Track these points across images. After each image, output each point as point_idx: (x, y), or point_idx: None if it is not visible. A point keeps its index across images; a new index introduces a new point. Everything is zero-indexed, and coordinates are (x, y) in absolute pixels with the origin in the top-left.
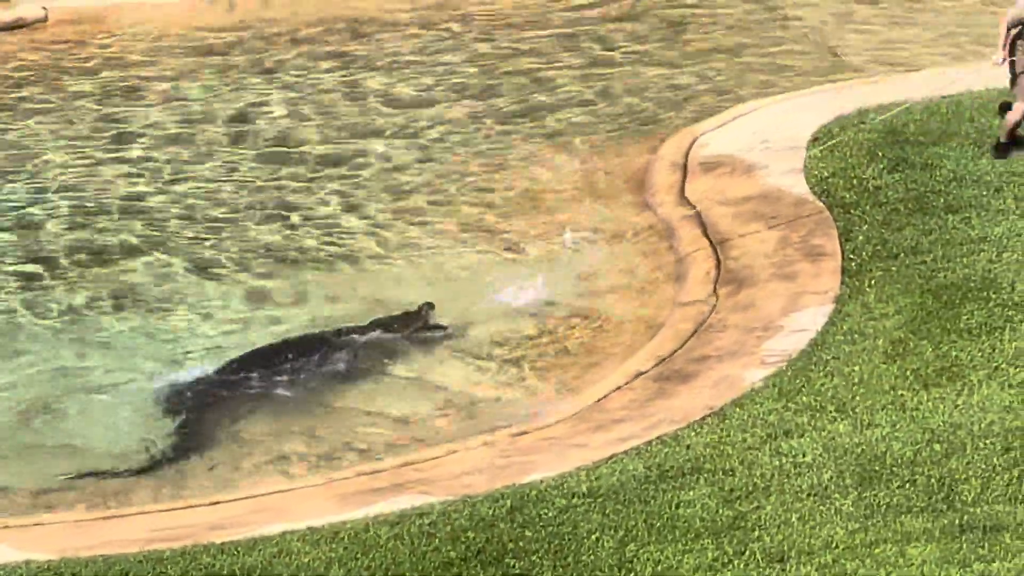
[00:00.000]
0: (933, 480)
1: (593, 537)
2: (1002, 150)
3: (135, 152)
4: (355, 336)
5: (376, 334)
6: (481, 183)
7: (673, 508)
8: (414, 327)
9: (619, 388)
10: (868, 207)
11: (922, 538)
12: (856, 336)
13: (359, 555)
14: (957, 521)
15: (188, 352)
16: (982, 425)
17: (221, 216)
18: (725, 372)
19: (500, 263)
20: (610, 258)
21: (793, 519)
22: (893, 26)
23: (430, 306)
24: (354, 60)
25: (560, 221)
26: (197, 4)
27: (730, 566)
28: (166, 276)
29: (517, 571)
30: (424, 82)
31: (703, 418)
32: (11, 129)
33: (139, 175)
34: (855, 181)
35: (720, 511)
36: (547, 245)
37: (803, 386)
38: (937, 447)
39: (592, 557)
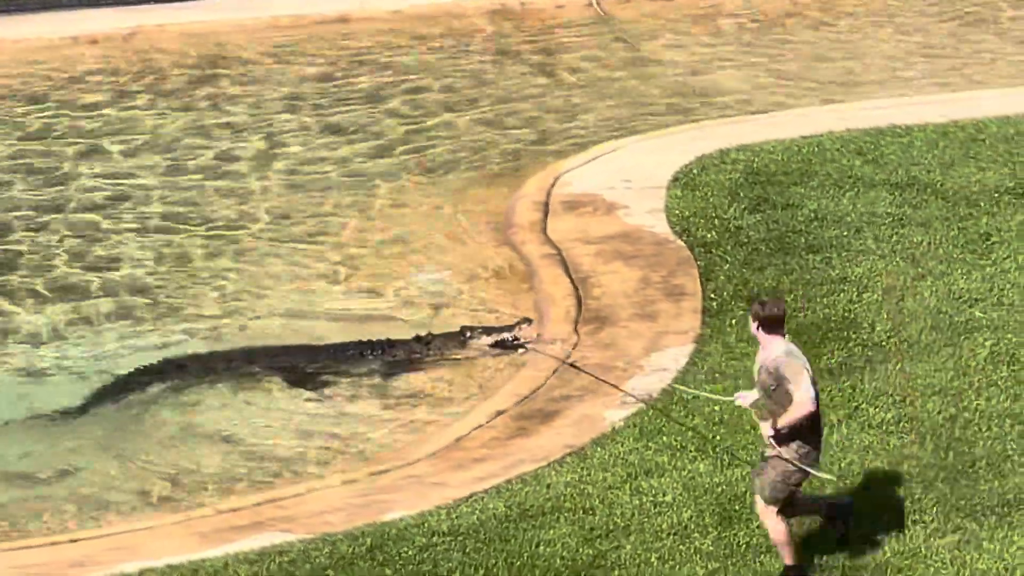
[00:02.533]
0: (792, 520)
1: (454, 575)
2: None
3: None
4: (439, 341)
5: (457, 341)
6: (338, 221)
7: (533, 547)
8: (499, 339)
9: (479, 427)
10: (729, 247)
11: None
12: (717, 375)
13: None
14: (816, 561)
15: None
16: (842, 465)
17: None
18: (586, 411)
19: (355, 302)
20: (469, 297)
21: (653, 558)
22: (757, 67)
23: (527, 321)
24: (215, 95)
25: (420, 260)
26: (58, 42)
27: None
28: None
29: None
30: (282, 119)
31: (564, 457)
32: None
33: None
34: (716, 221)
35: (580, 550)
36: (405, 284)
37: (664, 426)
38: None
39: None
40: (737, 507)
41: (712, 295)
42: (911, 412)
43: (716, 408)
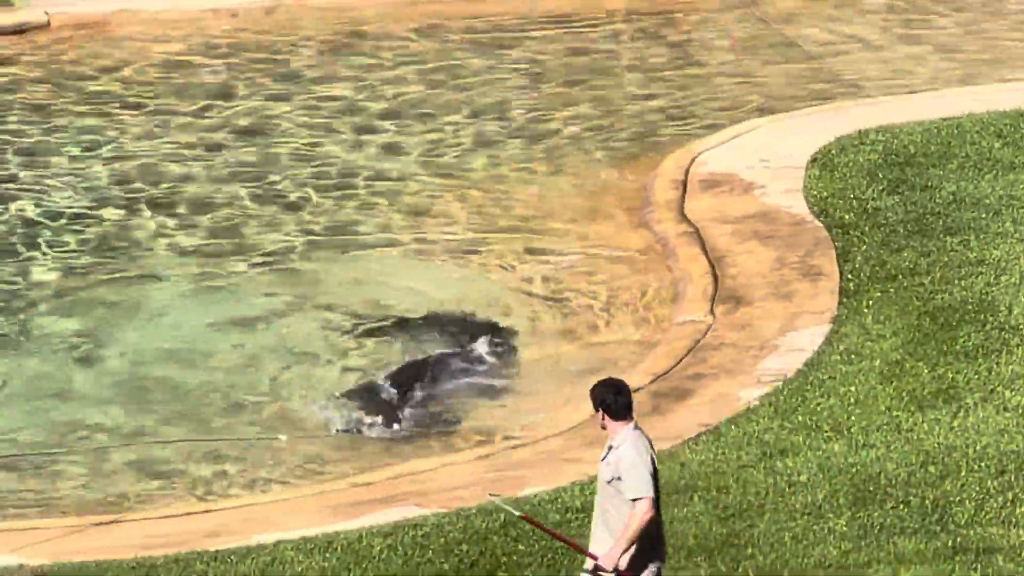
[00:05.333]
0: (927, 502)
1: None
2: None
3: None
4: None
5: None
6: (477, 202)
7: (667, 524)
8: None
9: None
10: (867, 228)
11: (915, 559)
12: (853, 357)
13: (352, 565)
14: (950, 543)
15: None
16: (977, 448)
17: (218, 217)
18: (721, 390)
19: (496, 281)
20: (607, 276)
21: (786, 538)
22: (895, 47)
23: None
24: (355, 70)
25: (557, 239)
26: (199, 13)
27: None
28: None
29: None
30: (420, 94)
31: (698, 435)
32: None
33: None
34: (854, 202)
35: (714, 529)
36: (543, 263)
37: (799, 405)
38: (932, 469)
39: None
40: (871, 488)
41: (849, 276)
42: None
43: (852, 389)
